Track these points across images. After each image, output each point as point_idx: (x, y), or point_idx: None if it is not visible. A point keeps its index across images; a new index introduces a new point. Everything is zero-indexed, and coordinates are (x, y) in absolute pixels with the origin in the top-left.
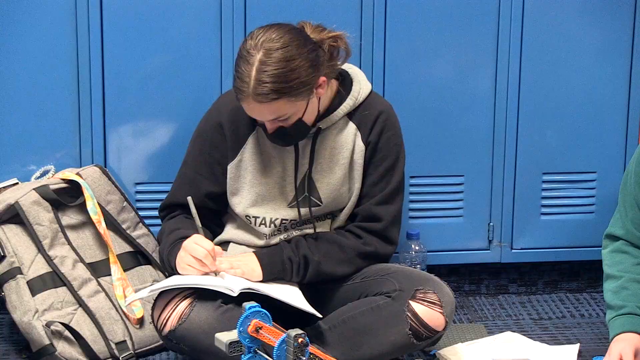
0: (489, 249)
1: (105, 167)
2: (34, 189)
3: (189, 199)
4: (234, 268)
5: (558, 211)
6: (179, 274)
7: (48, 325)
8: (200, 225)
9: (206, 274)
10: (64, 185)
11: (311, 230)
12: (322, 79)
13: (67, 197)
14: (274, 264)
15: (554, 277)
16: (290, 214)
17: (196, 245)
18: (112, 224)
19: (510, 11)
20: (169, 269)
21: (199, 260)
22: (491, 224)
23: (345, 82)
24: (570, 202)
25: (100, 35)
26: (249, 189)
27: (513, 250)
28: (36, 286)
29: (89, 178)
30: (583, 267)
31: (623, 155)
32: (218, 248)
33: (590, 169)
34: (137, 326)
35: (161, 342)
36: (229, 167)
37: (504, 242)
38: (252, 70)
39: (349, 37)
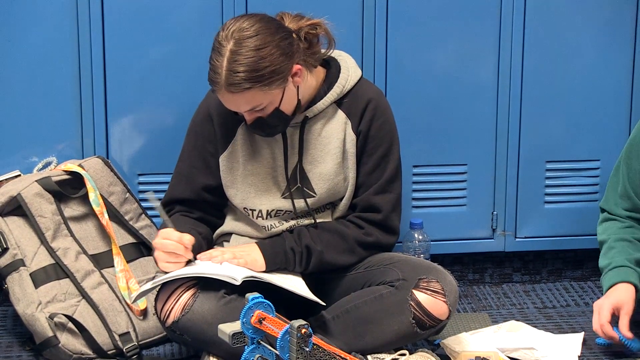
0: (492, 238)
1: (108, 158)
2: (36, 180)
3: (149, 194)
4: (237, 258)
5: (562, 199)
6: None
7: (51, 317)
8: (168, 218)
9: (187, 263)
10: (66, 176)
11: (311, 221)
12: (297, 67)
13: (69, 189)
14: (277, 254)
15: (558, 265)
16: (285, 204)
17: (163, 240)
18: (115, 216)
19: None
20: (164, 273)
21: (171, 254)
22: (495, 212)
23: (332, 70)
24: (573, 190)
25: (102, 26)
26: (242, 181)
27: (517, 239)
28: (39, 278)
29: (91, 169)
30: (587, 255)
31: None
32: (188, 236)
33: (593, 156)
34: (141, 317)
35: (165, 333)
36: (220, 159)
37: (507, 230)
38: (224, 61)
39: (328, 24)
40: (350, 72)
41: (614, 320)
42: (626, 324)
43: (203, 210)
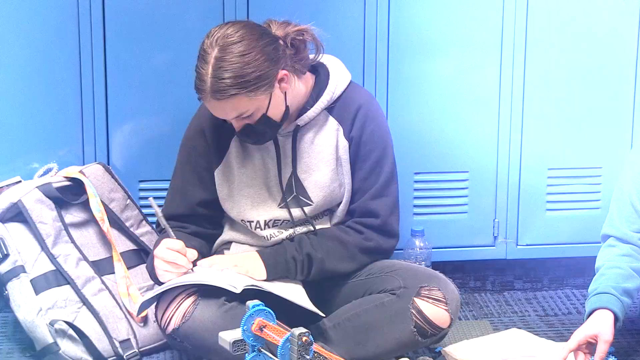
0: (494, 246)
1: (109, 164)
2: (37, 187)
3: (151, 199)
4: (238, 266)
5: (563, 207)
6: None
7: (52, 323)
8: (165, 223)
9: (185, 272)
10: (67, 183)
11: (310, 228)
12: (283, 72)
13: (70, 195)
14: (278, 263)
15: (559, 273)
16: (282, 214)
17: (166, 249)
18: (116, 222)
19: (514, 6)
20: (158, 283)
21: (172, 263)
22: (496, 220)
23: (321, 76)
24: (575, 197)
25: (103, 32)
26: (238, 193)
27: (518, 247)
28: (40, 285)
29: (92, 176)
30: (589, 263)
31: (629, 151)
32: (193, 251)
33: (595, 164)
34: (141, 324)
35: (165, 340)
36: (215, 173)
37: (509, 238)
38: (209, 68)
39: (316, 30)
40: (339, 77)
41: (594, 349)
42: (604, 350)
43: (198, 224)
